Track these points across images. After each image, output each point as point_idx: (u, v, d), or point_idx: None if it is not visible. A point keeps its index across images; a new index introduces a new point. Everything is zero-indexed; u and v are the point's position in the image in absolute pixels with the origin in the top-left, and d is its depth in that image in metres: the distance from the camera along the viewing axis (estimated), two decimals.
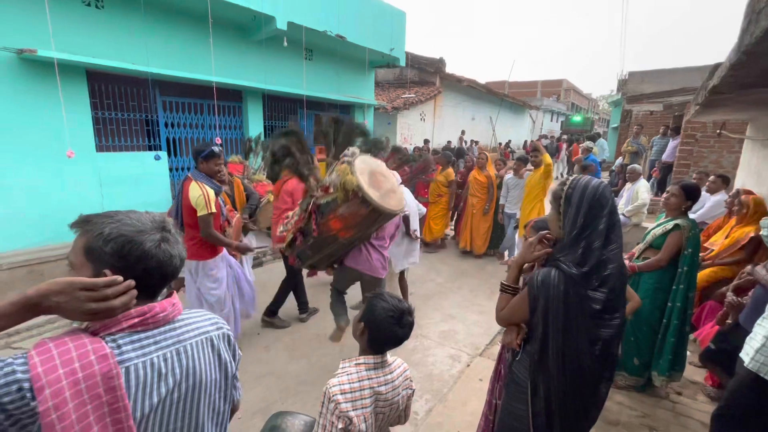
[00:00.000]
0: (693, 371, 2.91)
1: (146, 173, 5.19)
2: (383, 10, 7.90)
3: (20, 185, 4.14)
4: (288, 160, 2.80)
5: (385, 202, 2.39)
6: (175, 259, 0.84)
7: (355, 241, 2.69)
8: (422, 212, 4.20)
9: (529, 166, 5.19)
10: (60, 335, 0.74)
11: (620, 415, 2.51)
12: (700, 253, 2.82)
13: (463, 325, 3.80)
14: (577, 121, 22.72)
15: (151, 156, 5.26)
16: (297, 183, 3.31)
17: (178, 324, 0.86)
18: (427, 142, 12.58)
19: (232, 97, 6.46)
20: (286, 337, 3.47)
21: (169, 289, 0.90)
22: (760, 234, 2.93)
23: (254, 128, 6.67)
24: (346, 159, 2.40)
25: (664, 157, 7.96)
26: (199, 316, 0.93)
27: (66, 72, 4.23)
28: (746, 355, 1.82)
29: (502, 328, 1.57)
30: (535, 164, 4.64)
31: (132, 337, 0.77)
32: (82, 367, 0.69)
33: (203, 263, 2.83)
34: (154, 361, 0.78)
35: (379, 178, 2.50)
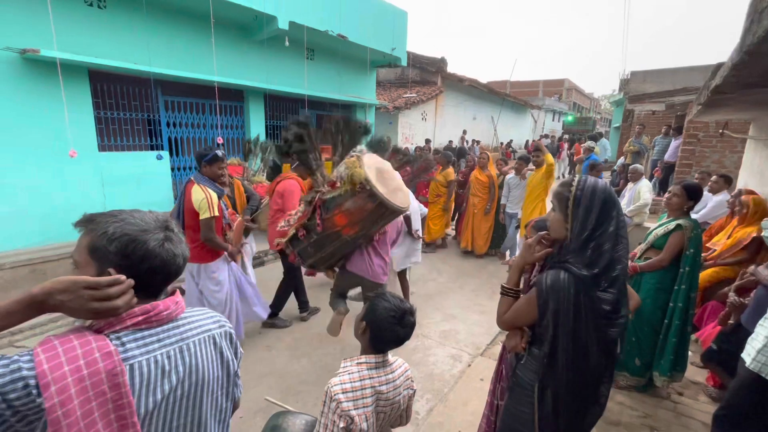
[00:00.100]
0: (694, 372, 2.90)
1: (148, 173, 5.20)
2: (385, 10, 7.90)
3: (23, 185, 4.16)
4: (298, 146, 2.80)
5: (392, 197, 2.42)
6: (179, 258, 0.85)
7: (358, 239, 2.70)
8: (424, 213, 4.20)
9: (530, 165, 5.19)
10: (65, 333, 0.74)
11: (621, 415, 2.51)
12: (702, 254, 2.81)
13: (464, 324, 3.80)
14: (570, 121, 22.67)
15: (153, 156, 5.27)
16: (289, 185, 3.32)
17: (181, 322, 0.86)
18: (428, 141, 12.57)
19: (234, 97, 6.47)
20: (288, 336, 3.48)
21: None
22: (762, 235, 2.93)
23: (256, 128, 6.68)
24: (355, 153, 2.42)
25: (666, 156, 7.95)
26: (201, 314, 0.94)
27: (68, 72, 4.25)
28: (748, 355, 1.82)
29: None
30: (537, 164, 4.64)
31: (136, 335, 0.78)
32: (87, 364, 0.70)
33: (205, 266, 2.85)
34: (158, 358, 0.79)
35: (386, 176, 2.53)
